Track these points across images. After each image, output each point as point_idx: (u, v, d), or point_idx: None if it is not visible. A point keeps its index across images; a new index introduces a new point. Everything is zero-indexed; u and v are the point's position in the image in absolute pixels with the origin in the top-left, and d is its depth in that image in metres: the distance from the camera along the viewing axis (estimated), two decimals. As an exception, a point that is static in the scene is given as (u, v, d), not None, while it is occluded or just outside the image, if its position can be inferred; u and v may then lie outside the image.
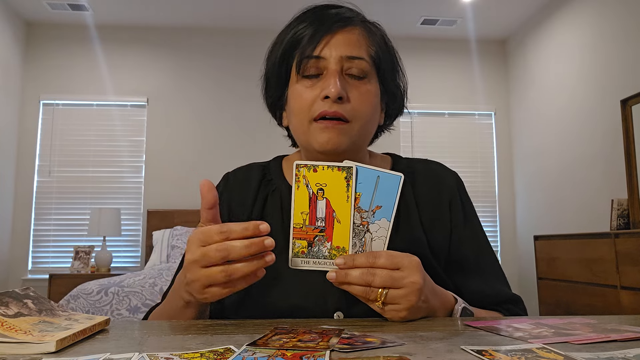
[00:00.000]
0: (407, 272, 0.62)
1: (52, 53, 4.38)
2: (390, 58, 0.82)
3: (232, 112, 4.46)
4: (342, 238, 0.63)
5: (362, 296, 0.63)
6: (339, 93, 0.73)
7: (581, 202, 3.62)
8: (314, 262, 0.63)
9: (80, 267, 3.88)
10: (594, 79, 3.51)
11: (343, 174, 0.62)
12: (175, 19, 4.38)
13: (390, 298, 0.62)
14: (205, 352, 0.46)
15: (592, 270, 2.72)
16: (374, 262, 0.62)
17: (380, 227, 0.64)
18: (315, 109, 0.75)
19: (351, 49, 0.76)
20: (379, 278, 0.61)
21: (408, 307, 0.62)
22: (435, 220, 0.82)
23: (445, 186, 0.86)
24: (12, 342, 0.46)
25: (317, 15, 0.78)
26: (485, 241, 0.86)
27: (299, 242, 0.63)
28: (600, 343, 0.50)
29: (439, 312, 0.68)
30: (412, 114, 4.61)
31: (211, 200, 0.64)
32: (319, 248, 0.63)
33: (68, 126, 4.33)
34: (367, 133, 0.80)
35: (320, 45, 0.75)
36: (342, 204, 0.63)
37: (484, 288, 0.80)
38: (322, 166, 0.63)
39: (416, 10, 4.22)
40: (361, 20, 0.80)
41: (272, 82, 0.83)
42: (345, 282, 0.62)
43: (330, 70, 0.75)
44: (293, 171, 0.63)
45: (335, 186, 0.62)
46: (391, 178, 0.63)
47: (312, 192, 0.63)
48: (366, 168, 0.63)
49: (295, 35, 0.77)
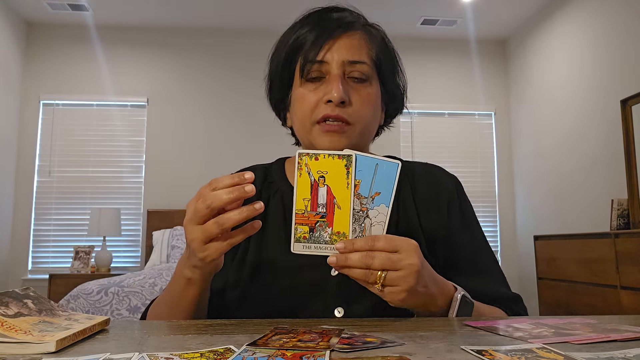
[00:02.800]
0: (405, 255, 0.63)
1: (52, 53, 4.38)
2: (390, 59, 0.84)
3: (232, 112, 4.46)
4: (343, 223, 0.65)
5: (362, 279, 0.63)
6: (342, 97, 0.75)
7: (581, 202, 3.62)
8: (315, 247, 0.65)
9: (80, 267, 3.88)
10: (594, 79, 3.51)
11: (343, 161, 0.64)
12: (175, 19, 4.38)
13: (389, 280, 0.63)
14: (205, 352, 0.46)
15: (592, 270, 2.72)
16: (373, 245, 0.63)
17: (379, 213, 0.65)
18: (318, 113, 0.77)
19: (353, 54, 0.78)
20: (378, 260, 0.62)
21: (407, 289, 0.63)
22: (433, 221, 0.83)
23: (444, 189, 0.87)
24: (12, 342, 0.46)
25: (320, 20, 0.80)
26: (485, 242, 0.87)
27: (300, 228, 0.65)
28: (600, 343, 0.50)
29: (438, 300, 0.69)
30: (412, 114, 4.61)
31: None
32: (320, 233, 0.65)
33: (68, 126, 4.33)
34: (368, 134, 0.82)
35: (323, 50, 0.77)
36: (342, 191, 0.64)
37: (485, 289, 0.81)
38: (323, 154, 0.65)
39: (416, 10, 4.22)
40: (362, 25, 0.82)
41: (275, 84, 0.85)
42: (346, 265, 0.63)
43: (332, 75, 0.77)
44: (295, 159, 0.64)
45: (335, 174, 0.64)
46: (389, 166, 0.65)
47: (313, 179, 0.64)
48: (365, 156, 0.65)
49: (299, 39, 0.79)
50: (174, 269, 0.73)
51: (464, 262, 0.82)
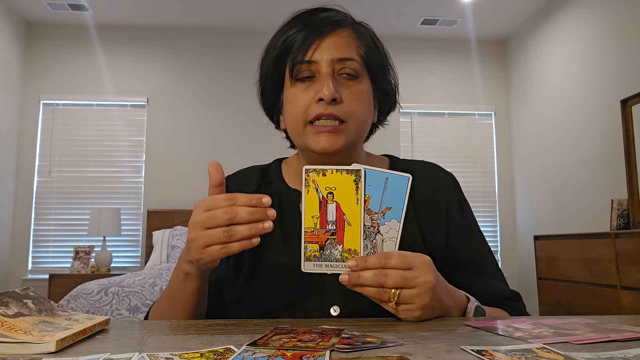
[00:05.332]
0: (420, 272, 0.63)
1: (52, 53, 4.38)
2: (379, 57, 0.84)
3: (232, 111, 4.46)
4: (353, 240, 0.64)
5: (376, 297, 0.63)
6: (333, 95, 0.74)
7: (581, 202, 3.62)
8: (326, 265, 0.64)
9: (80, 267, 3.88)
10: (594, 79, 3.51)
11: (352, 177, 0.63)
12: (176, 19, 4.38)
13: (403, 298, 0.62)
14: (205, 352, 0.46)
15: (592, 270, 2.72)
16: (386, 262, 0.62)
17: (390, 229, 0.64)
18: (310, 112, 0.76)
19: (341, 51, 0.78)
20: (392, 279, 0.62)
21: (421, 307, 0.63)
22: (432, 221, 0.83)
23: (442, 187, 0.87)
24: (12, 342, 0.46)
25: (307, 20, 0.80)
26: (483, 240, 0.88)
27: (310, 246, 0.64)
28: (600, 343, 0.50)
29: (452, 311, 0.69)
30: (412, 114, 4.61)
31: (218, 179, 0.68)
32: (331, 251, 0.64)
33: (68, 126, 4.33)
34: (362, 131, 0.81)
35: (311, 50, 0.77)
36: (352, 207, 0.63)
37: (485, 287, 0.81)
38: (330, 170, 0.63)
39: (416, 10, 4.22)
40: (350, 22, 0.82)
41: (267, 87, 0.85)
42: (358, 284, 0.63)
43: (322, 74, 0.77)
44: (302, 176, 0.64)
45: (344, 189, 0.63)
46: (399, 179, 0.64)
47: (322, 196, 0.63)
48: (375, 170, 0.64)
49: (287, 41, 0.79)
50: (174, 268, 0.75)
51: (464, 262, 0.83)
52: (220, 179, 0.68)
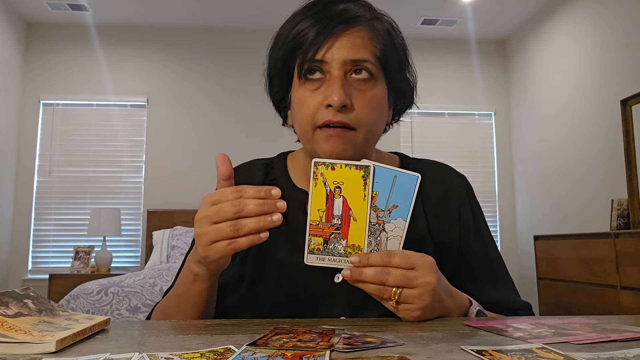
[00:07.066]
0: (422, 272, 0.62)
1: (52, 53, 4.38)
2: (397, 55, 0.78)
3: (232, 111, 4.46)
4: (358, 236, 0.63)
5: (376, 294, 0.63)
6: (342, 101, 0.70)
7: (581, 202, 3.62)
8: (329, 259, 0.64)
9: (80, 267, 3.88)
10: (594, 79, 3.51)
11: (360, 172, 0.63)
12: (175, 19, 4.38)
13: (404, 297, 0.62)
14: (205, 352, 0.46)
15: (592, 270, 2.72)
16: (389, 261, 0.62)
17: (396, 227, 0.64)
18: (319, 118, 0.72)
19: (355, 52, 0.72)
20: (393, 277, 0.61)
21: (421, 307, 0.62)
22: (443, 224, 0.81)
23: (454, 191, 0.85)
24: (12, 342, 0.46)
25: (321, 13, 0.73)
26: (495, 248, 0.85)
27: (315, 239, 0.64)
28: (600, 343, 0.50)
29: (453, 313, 0.68)
30: (412, 114, 4.61)
31: (226, 172, 0.66)
32: (335, 245, 0.64)
33: (68, 126, 4.33)
34: (373, 138, 0.77)
35: (323, 49, 0.72)
36: (358, 203, 0.63)
37: (497, 297, 0.79)
38: (340, 164, 0.63)
39: (416, 10, 4.22)
40: (367, 19, 0.75)
41: (275, 82, 0.80)
42: (360, 280, 0.62)
43: (333, 76, 0.72)
44: (311, 168, 0.63)
45: (352, 185, 0.63)
46: (408, 178, 0.64)
47: (329, 190, 0.63)
48: (384, 167, 0.63)
49: (298, 36, 0.73)
50: (175, 269, 0.73)
51: (476, 270, 0.81)
52: (228, 172, 0.66)
